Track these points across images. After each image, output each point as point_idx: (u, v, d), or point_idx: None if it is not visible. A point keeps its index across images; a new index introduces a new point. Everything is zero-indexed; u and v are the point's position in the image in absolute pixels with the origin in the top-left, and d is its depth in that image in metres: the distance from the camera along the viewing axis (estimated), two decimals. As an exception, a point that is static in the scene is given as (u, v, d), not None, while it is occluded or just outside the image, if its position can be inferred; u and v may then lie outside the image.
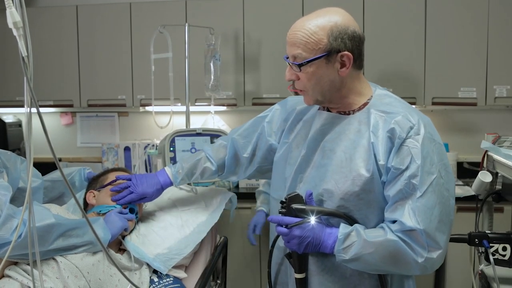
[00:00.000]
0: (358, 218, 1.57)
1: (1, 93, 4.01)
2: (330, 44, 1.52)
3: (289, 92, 3.65)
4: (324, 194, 1.60)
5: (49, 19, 3.96)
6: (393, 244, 1.47)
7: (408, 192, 1.47)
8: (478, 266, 2.19)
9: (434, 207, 1.46)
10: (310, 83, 1.58)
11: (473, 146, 3.69)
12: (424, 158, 1.47)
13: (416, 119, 1.51)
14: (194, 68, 3.45)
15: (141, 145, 4.03)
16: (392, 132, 1.51)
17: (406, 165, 1.47)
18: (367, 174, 1.52)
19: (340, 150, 1.59)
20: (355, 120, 1.61)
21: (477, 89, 3.53)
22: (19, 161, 2.07)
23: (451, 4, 3.52)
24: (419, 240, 1.45)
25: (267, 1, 3.74)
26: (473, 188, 2.19)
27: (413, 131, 1.49)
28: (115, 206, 1.99)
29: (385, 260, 1.50)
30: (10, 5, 1.04)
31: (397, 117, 1.52)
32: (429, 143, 1.49)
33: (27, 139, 1.10)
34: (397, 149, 1.49)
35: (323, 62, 1.54)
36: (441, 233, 1.47)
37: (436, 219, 1.46)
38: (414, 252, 1.46)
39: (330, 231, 1.56)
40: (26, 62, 1.06)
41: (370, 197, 1.54)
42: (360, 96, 1.63)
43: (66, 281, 1.61)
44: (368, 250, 1.48)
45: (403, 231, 1.46)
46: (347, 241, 1.51)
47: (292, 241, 1.57)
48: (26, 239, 1.41)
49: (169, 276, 1.94)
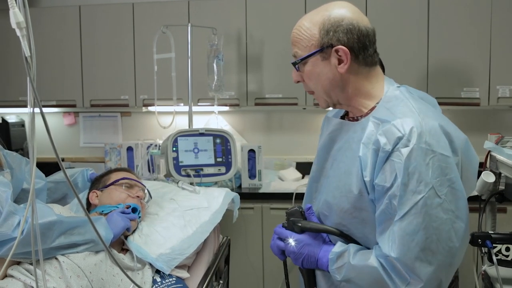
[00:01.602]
0: (358, 237, 1.45)
1: (4, 93, 4.01)
2: (322, 39, 1.41)
3: (291, 92, 3.68)
4: (325, 208, 1.51)
5: (52, 19, 3.96)
6: (373, 271, 1.33)
7: (391, 213, 1.30)
8: (481, 266, 2.18)
9: (416, 233, 1.26)
10: (311, 82, 1.49)
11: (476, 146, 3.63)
12: (410, 174, 1.27)
13: (409, 128, 1.30)
14: (196, 68, 3.45)
15: (143, 145, 4.03)
16: (377, 144, 1.34)
17: (391, 183, 1.29)
18: (355, 192, 1.38)
19: (342, 162, 1.47)
20: (359, 128, 1.44)
21: (480, 89, 3.52)
22: (24, 162, 2.08)
23: (454, 3, 3.52)
24: (398, 269, 1.29)
25: (270, 1, 3.73)
26: (476, 189, 2.18)
27: (401, 143, 1.29)
28: (118, 206, 2.00)
29: (372, 287, 1.36)
30: (13, 5, 1.04)
31: (386, 125, 1.34)
32: (421, 155, 1.28)
33: (30, 139, 1.11)
34: (381, 163, 1.32)
35: (318, 59, 1.44)
36: (425, 264, 1.27)
37: (416, 248, 1.26)
38: (392, 282, 1.30)
39: (326, 249, 1.48)
40: (29, 62, 1.06)
41: (363, 215, 1.40)
42: (369, 98, 1.48)
43: (69, 281, 1.61)
44: (353, 274, 1.38)
45: (384, 256, 1.31)
46: (339, 261, 1.42)
47: (290, 256, 1.54)
48: (28, 236, 1.42)
49: (172, 276, 1.94)
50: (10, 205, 1.56)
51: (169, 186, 2.47)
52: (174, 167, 2.70)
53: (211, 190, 2.43)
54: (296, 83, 1.58)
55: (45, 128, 1.10)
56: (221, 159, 2.86)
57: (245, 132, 4.20)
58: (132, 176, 2.19)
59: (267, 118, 4.24)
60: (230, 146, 2.87)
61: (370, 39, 1.44)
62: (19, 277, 1.60)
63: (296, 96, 3.69)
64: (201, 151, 2.80)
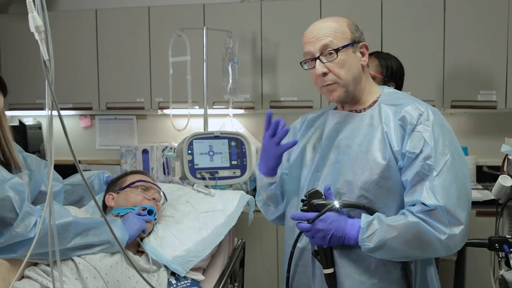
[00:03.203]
0: (378, 208, 1.61)
1: (21, 96, 4.05)
2: (353, 34, 1.67)
3: (306, 95, 3.67)
4: (344, 187, 1.65)
5: (69, 23, 4.00)
6: (415, 226, 1.50)
7: (425, 174, 1.52)
8: (498, 271, 2.16)
9: (452, 185, 1.51)
10: (343, 70, 1.66)
11: (493, 149, 3.65)
12: (436, 140, 1.54)
13: (425, 107, 1.62)
14: (212, 71, 3.46)
15: (159, 148, 4.05)
16: (403, 120, 1.60)
17: (420, 149, 1.54)
18: (384, 162, 1.58)
19: (355, 145, 1.66)
20: (367, 116, 1.70)
21: (497, 92, 3.49)
22: (43, 165, 2.10)
23: (470, 6, 3.49)
24: (440, 218, 1.48)
25: (285, 4, 3.74)
26: (493, 192, 2.16)
27: (423, 118, 1.58)
28: (134, 208, 2.00)
29: (409, 244, 1.52)
30: (32, 9, 1.05)
31: (406, 107, 1.62)
32: (439, 127, 1.57)
33: (48, 141, 1.11)
34: (409, 134, 1.57)
35: (350, 50, 1.67)
36: (461, 209, 1.51)
37: (454, 196, 1.50)
38: (436, 230, 1.49)
39: (352, 222, 1.60)
40: (48, 65, 1.07)
41: (389, 184, 1.59)
42: (370, 94, 1.76)
43: (85, 282, 1.62)
44: (391, 234, 1.51)
45: (423, 211, 1.50)
46: (370, 229, 1.54)
47: (317, 235, 1.61)
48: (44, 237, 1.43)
49: (187, 278, 1.94)
50: (27, 206, 1.57)
51: (184, 189, 2.48)
52: (189, 170, 2.70)
53: (226, 193, 2.43)
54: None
55: (63, 131, 1.11)
56: (236, 162, 2.86)
57: (260, 135, 4.19)
58: (147, 178, 2.20)
59: (282, 121, 4.22)
60: (245, 149, 2.87)
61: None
62: (36, 278, 1.61)
63: (311, 99, 3.69)
64: (216, 154, 2.81)
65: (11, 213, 1.53)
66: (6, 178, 1.60)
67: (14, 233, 1.53)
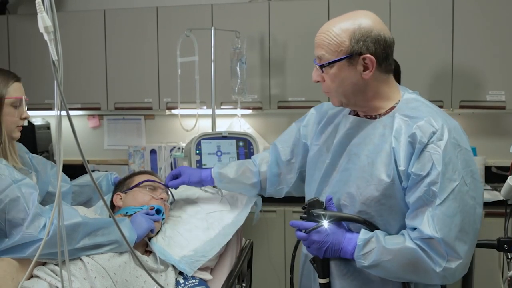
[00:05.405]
0: (380, 224, 1.56)
1: (30, 96, 4.03)
2: (352, 47, 1.52)
3: (314, 96, 3.66)
4: (346, 199, 1.60)
5: (77, 23, 4.01)
6: (411, 252, 1.45)
7: (428, 199, 1.44)
8: (507, 272, 2.15)
9: (455, 215, 1.43)
10: (333, 84, 1.58)
11: (501, 150, 3.63)
12: (446, 164, 1.43)
13: (440, 124, 1.48)
14: (220, 71, 3.47)
15: (167, 148, 4.05)
16: (413, 137, 1.48)
17: (427, 172, 1.44)
18: (387, 180, 1.51)
19: (364, 155, 1.59)
20: (380, 125, 1.59)
21: (506, 92, 3.47)
22: (49, 166, 2.11)
23: (479, 6, 3.48)
24: (438, 248, 1.43)
25: (293, 4, 3.73)
26: (502, 193, 2.15)
27: (435, 136, 1.46)
28: (142, 208, 2.01)
29: (404, 268, 1.49)
30: (41, 10, 1.05)
31: (419, 121, 1.50)
32: (452, 149, 1.46)
33: (57, 141, 1.12)
34: (418, 154, 1.47)
35: (345, 64, 1.54)
36: (462, 243, 1.44)
37: (456, 228, 1.43)
38: (432, 261, 1.44)
39: (350, 236, 1.56)
40: (57, 66, 1.07)
41: (391, 202, 1.53)
42: (387, 100, 1.62)
43: (93, 282, 1.63)
44: (386, 257, 1.48)
45: (422, 239, 1.44)
46: (366, 247, 1.51)
47: (312, 246, 1.59)
48: (53, 237, 1.44)
49: (195, 278, 1.95)
50: (37, 207, 1.58)
51: (192, 189, 2.47)
52: (197, 170, 2.70)
53: (234, 193, 2.43)
54: (316, 83, 1.65)
55: (72, 131, 1.11)
56: (244, 162, 2.86)
57: (268, 135, 4.19)
58: (155, 178, 2.21)
59: (290, 121, 4.18)
60: (253, 149, 2.87)
61: (391, 49, 1.58)
62: (45, 278, 1.62)
63: (319, 100, 3.68)
64: (224, 154, 2.81)
65: (22, 214, 1.55)
66: (17, 179, 1.62)
67: (25, 234, 1.54)
